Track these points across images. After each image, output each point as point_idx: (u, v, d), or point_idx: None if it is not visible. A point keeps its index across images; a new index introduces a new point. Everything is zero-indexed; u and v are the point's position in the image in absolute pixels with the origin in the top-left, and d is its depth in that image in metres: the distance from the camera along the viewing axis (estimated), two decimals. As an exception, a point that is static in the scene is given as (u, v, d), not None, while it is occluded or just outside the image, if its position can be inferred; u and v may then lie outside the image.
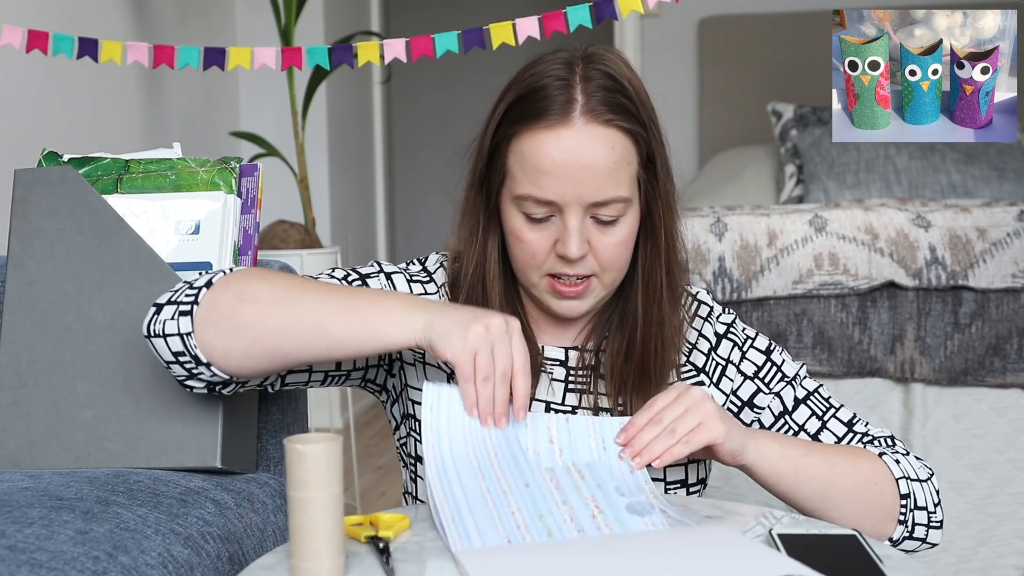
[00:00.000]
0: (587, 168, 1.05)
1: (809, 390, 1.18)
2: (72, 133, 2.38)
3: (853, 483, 1.07)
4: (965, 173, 2.97)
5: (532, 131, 1.06)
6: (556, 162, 1.05)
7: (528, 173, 1.07)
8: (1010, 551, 1.93)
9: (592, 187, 1.05)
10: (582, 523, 0.91)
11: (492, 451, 0.96)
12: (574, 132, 1.05)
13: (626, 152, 1.08)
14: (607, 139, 1.06)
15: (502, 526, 0.89)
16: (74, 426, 1.14)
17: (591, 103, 1.06)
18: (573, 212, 1.06)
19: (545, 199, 1.06)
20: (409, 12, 5.45)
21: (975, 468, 1.92)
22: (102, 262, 1.17)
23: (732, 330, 1.20)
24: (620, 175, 1.07)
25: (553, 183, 1.05)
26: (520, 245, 1.09)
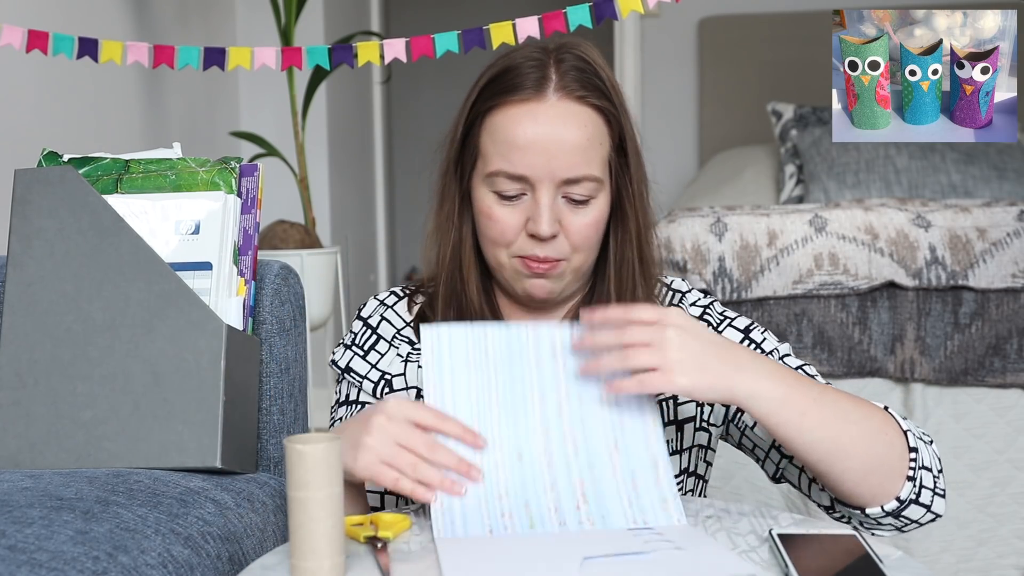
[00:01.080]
0: (560, 143, 1.05)
1: (792, 366, 1.12)
2: (72, 133, 2.38)
3: (864, 433, 0.96)
4: (965, 173, 2.97)
5: (505, 107, 1.07)
6: (529, 136, 1.05)
7: (500, 148, 1.07)
8: (1010, 551, 1.93)
9: (565, 163, 1.05)
10: (565, 515, 0.91)
11: (494, 396, 0.95)
12: (548, 107, 1.06)
13: (598, 132, 1.08)
14: (580, 116, 1.07)
15: (487, 513, 0.90)
16: (74, 426, 1.14)
17: (564, 80, 1.07)
18: (545, 189, 1.06)
19: (517, 174, 1.06)
20: (409, 12, 5.45)
21: (975, 468, 1.92)
22: (102, 262, 1.17)
23: (708, 312, 1.18)
24: (592, 154, 1.07)
25: (526, 158, 1.05)
26: (490, 223, 1.09)
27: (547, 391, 0.97)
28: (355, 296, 3.97)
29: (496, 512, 0.91)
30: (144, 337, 1.15)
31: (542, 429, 0.95)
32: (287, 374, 1.28)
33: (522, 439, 0.95)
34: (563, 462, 0.94)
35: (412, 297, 1.21)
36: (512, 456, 0.94)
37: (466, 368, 0.96)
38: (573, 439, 0.95)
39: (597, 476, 0.94)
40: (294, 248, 2.74)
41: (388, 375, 1.16)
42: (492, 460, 0.94)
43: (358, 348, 1.19)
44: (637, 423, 0.96)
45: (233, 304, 1.19)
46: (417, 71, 5.62)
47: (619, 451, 0.95)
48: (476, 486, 0.92)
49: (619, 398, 0.96)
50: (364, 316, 1.21)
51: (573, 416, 0.96)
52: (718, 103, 3.94)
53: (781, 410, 0.94)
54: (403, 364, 1.17)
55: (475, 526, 0.90)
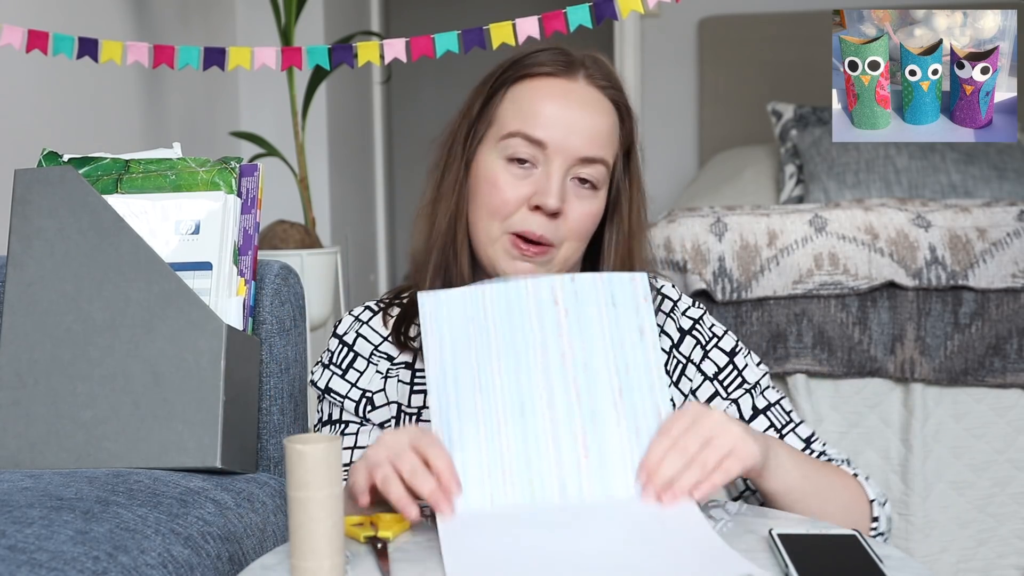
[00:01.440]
0: (584, 122, 1.08)
1: (770, 401, 1.15)
2: (72, 133, 2.38)
3: (844, 501, 1.06)
4: (965, 173, 2.97)
5: (533, 79, 1.10)
6: (558, 105, 1.08)
7: (522, 113, 1.08)
8: (1010, 551, 1.94)
9: (584, 141, 1.07)
10: (566, 475, 0.91)
11: (495, 351, 0.94)
12: (576, 86, 1.10)
13: (615, 126, 1.12)
14: (604, 104, 1.11)
15: (489, 479, 0.90)
16: (74, 426, 1.14)
17: (591, 70, 1.11)
18: (559, 163, 1.07)
19: (535, 137, 1.07)
20: (409, 12, 5.45)
21: (975, 468, 1.92)
22: (102, 262, 1.17)
23: (698, 326, 1.18)
24: (609, 141, 1.10)
25: (548, 127, 1.07)
26: (493, 191, 1.08)
27: (549, 340, 0.95)
28: (355, 296, 3.97)
29: (497, 473, 0.91)
30: (144, 337, 1.15)
31: (544, 380, 0.94)
32: (287, 374, 1.28)
33: (524, 391, 0.93)
34: (566, 414, 0.93)
35: (387, 311, 1.20)
36: (514, 411, 0.93)
37: (465, 328, 0.95)
38: (576, 387, 0.94)
39: (600, 427, 0.93)
40: (294, 248, 2.74)
41: (369, 392, 1.16)
42: (495, 415, 0.93)
43: (336, 367, 1.18)
44: (641, 368, 0.95)
45: (233, 304, 1.19)
46: (417, 71, 5.62)
47: (623, 398, 0.94)
48: (479, 442, 0.92)
49: (624, 343, 0.94)
50: (340, 334, 1.20)
51: (576, 363, 0.94)
52: (718, 103, 3.94)
53: (791, 474, 1.00)
54: (383, 380, 1.16)
55: (476, 496, 0.90)
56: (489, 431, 0.93)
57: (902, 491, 1.92)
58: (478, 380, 0.94)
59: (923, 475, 1.91)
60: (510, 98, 1.10)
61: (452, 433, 0.93)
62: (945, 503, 1.92)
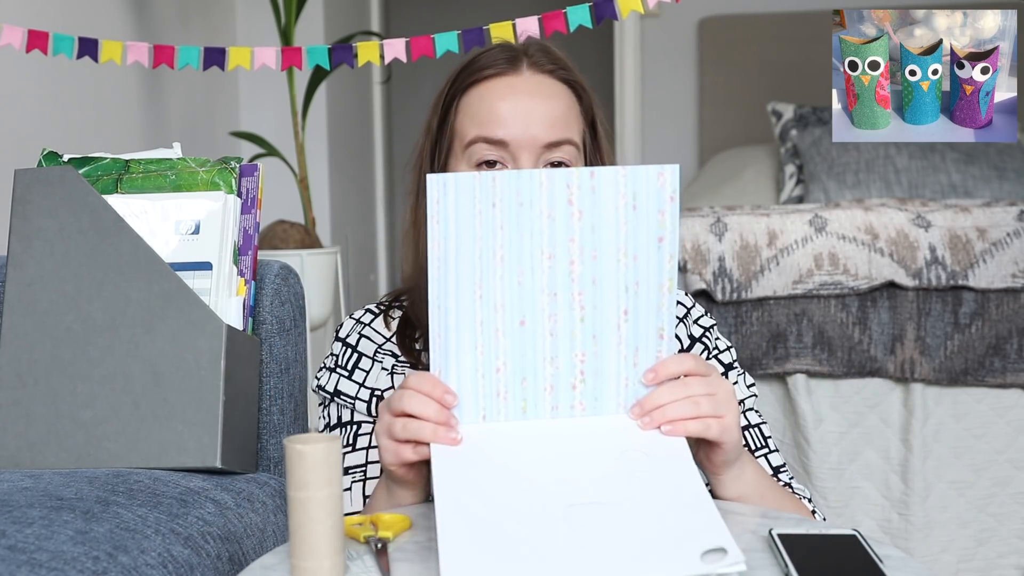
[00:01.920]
0: (539, 109, 1.08)
1: (751, 423, 1.17)
2: (72, 133, 2.38)
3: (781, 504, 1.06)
4: (965, 173, 2.97)
5: (480, 84, 1.10)
6: (509, 102, 1.08)
7: (478, 118, 1.09)
8: (1010, 551, 1.94)
9: (543, 128, 1.08)
10: (559, 397, 0.91)
11: (500, 252, 0.89)
12: (524, 79, 1.10)
13: (572, 103, 1.12)
14: (554, 87, 1.11)
15: (483, 391, 0.91)
16: (74, 426, 1.14)
17: (535, 58, 1.12)
18: (525, 156, 1.08)
19: (498, 138, 1.08)
20: (409, 12, 5.46)
21: (975, 468, 1.92)
22: (102, 262, 1.17)
23: (707, 335, 1.20)
24: (570, 120, 1.10)
25: (504, 123, 1.08)
26: None
27: (558, 247, 0.89)
28: (355, 296, 3.97)
29: (492, 390, 0.91)
30: (144, 337, 1.15)
31: (549, 292, 0.90)
32: (287, 374, 1.28)
33: (527, 303, 0.90)
34: (567, 331, 0.90)
35: (388, 312, 1.20)
36: (514, 322, 0.90)
37: (471, 221, 0.88)
38: (581, 303, 0.90)
39: (600, 349, 0.91)
40: (294, 248, 2.74)
41: (378, 390, 1.16)
42: (493, 325, 0.90)
43: (342, 370, 1.18)
44: (654, 288, 0.91)
45: (233, 304, 1.19)
46: (417, 71, 5.62)
47: (628, 319, 0.91)
48: (473, 352, 0.90)
49: (638, 255, 0.90)
50: (342, 337, 1.20)
51: (584, 276, 0.90)
52: (718, 103, 3.94)
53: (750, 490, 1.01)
54: (389, 377, 1.16)
55: (469, 409, 0.91)
56: (486, 342, 0.90)
57: (902, 491, 1.92)
58: (480, 285, 0.89)
59: (923, 475, 1.91)
60: (463, 109, 1.11)
61: (449, 342, 0.90)
62: (945, 503, 1.92)
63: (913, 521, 1.91)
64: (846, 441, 1.93)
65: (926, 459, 1.91)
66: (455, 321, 0.90)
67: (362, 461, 1.14)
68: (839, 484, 1.93)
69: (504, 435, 0.91)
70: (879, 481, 1.93)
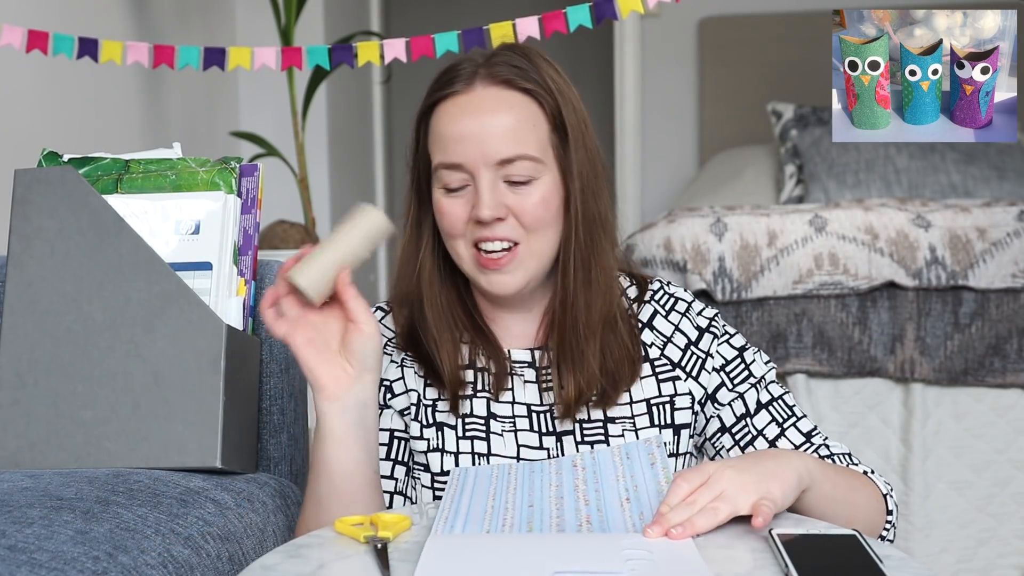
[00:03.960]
0: (488, 127, 1.08)
1: (774, 395, 1.17)
2: (72, 133, 2.38)
3: (865, 502, 1.08)
4: (965, 173, 2.97)
5: (439, 105, 1.12)
6: (459, 125, 1.09)
7: (438, 143, 1.11)
8: (1010, 551, 1.94)
9: (494, 145, 1.08)
10: (565, 525, 0.93)
11: (512, 488, 1.02)
12: (473, 96, 1.10)
13: (528, 113, 1.10)
14: (506, 99, 1.10)
15: (489, 521, 0.93)
16: (74, 426, 1.14)
17: (491, 70, 1.11)
18: (482, 174, 1.09)
19: (454, 163, 1.09)
20: (409, 12, 5.45)
21: (975, 468, 1.92)
22: (102, 262, 1.17)
23: (714, 324, 1.20)
24: (524, 134, 1.09)
25: (458, 146, 1.09)
26: (442, 218, 1.12)
27: (564, 482, 1.02)
28: (355, 296, 3.97)
29: (499, 521, 0.93)
30: (144, 337, 1.15)
31: (556, 497, 0.99)
32: (287, 374, 1.28)
33: (536, 496, 0.99)
34: (572, 508, 0.96)
35: (395, 312, 1.21)
36: (523, 505, 0.97)
37: (488, 480, 1.04)
38: (586, 498, 0.99)
39: (605, 516, 0.95)
40: (294, 248, 2.74)
41: (387, 380, 1.17)
42: (502, 510, 0.96)
43: None
44: (652, 487, 0.99)
45: (233, 304, 1.19)
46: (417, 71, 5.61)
47: (630, 503, 0.97)
48: (484, 501, 0.96)
49: (635, 474, 1.02)
50: None
51: (588, 490, 1.00)
52: (718, 103, 3.94)
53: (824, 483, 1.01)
54: (399, 369, 1.17)
55: (474, 526, 0.92)
56: (496, 511, 0.96)
57: (902, 491, 1.92)
58: (492, 497, 0.99)
59: (923, 475, 1.91)
60: (431, 131, 1.13)
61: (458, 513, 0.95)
62: (945, 503, 1.92)
63: (913, 521, 1.91)
64: (846, 441, 1.93)
65: (926, 459, 1.91)
66: (467, 508, 0.97)
67: None
68: (839, 484, 1.93)
69: (503, 540, 0.90)
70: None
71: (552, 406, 1.14)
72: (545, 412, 1.15)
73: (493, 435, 1.14)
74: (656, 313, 1.19)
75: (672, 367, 1.17)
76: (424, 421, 1.15)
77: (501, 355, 1.15)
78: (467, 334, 1.16)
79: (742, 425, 1.15)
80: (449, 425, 1.15)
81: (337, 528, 0.93)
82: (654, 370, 1.17)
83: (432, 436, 1.15)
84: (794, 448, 1.13)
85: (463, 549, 0.86)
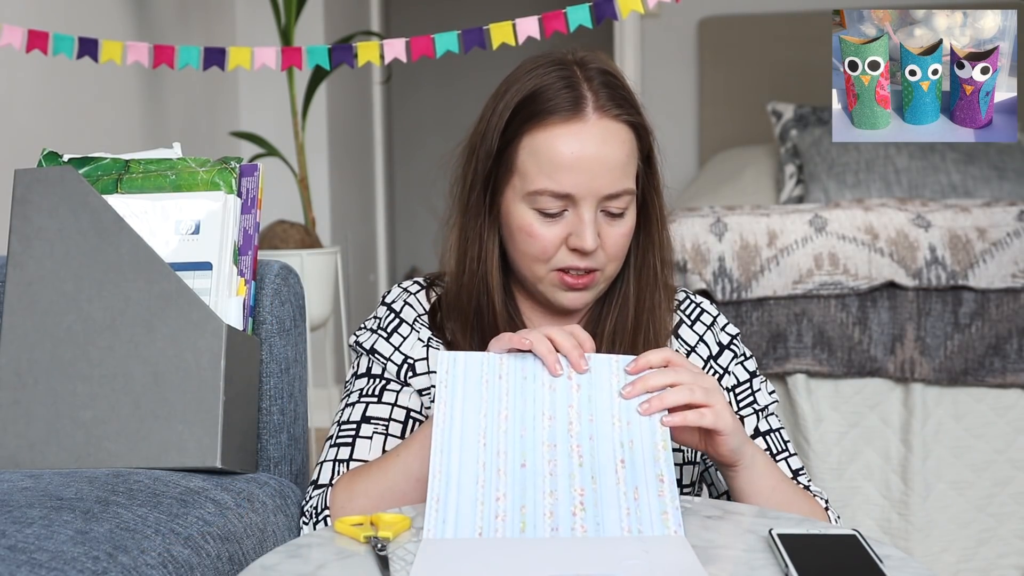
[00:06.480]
0: (603, 162, 1.08)
1: (772, 427, 1.20)
2: (72, 133, 2.38)
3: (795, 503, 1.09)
4: (965, 173, 2.97)
5: (546, 127, 1.09)
6: (575, 156, 1.08)
7: (544, 168, 1.09)
8: (1010, 551, 1.94)
9: (607, 180, 1.09)
10: (559, 520, 0.91)
11: (504, 415, 0.97)
12: (589, 127, 1.09)
13: (632, 147, 1.12)
14: (619, 133, 1.10)
15: (481, 514, 0.91)
16: (74, 426, 1.14)
17: (600, 99, 1.10)
18: (588, 205, 1.09)
19: (563, 192, 1.09)
20: (409, 12, 5.45)
21: (975, 468, 1.92)
22: (102, 262, 1.17)
23: (735, 343, 1.23)
24: (629, 168, 1.11)
25: (571, 177, 1.08)
26: (531, 240, 1.12)
27: (558, 410, 0.97)
28: (355, 296, 3.97)
29: (490, 513, 0.91)
30: (144, 337, 1.15)
31: (548, 443, 0.96)
32: (287, 374, 1.28)
33: (528, 449, 0.95)
34: (566, 472, 0.94)
35: (432, 287, 1.23)
36: (515, 463, 0.94)
37: (478, 387, 0.98)
38: (579, 453, 0.95)
39: (599, 487, 0.93)
40: (294, 248, 2.74)
41: (411, 359, 1.18)
42: (494, 466, 0.94)
43: (382, 331, 1.20)
44: (648, 444, 0.96)
45: (233, 304, 1.19)
46: (417, 71, 5.62)
47: (625, 466, 0.95)
48: (474, 485, 0.93)
49: (631, 421, 0.97)
50: (388, 302, 1.23)
51: (582, 433, 0.97)
52: (718, 103, 3.94)
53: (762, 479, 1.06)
54: (424, 349, 1.19)
55: (466, 527, 0.90)
56: (487, 477, 0.93)
57: (902, 491, 1.92)
58: (483, 435, 0.96)
59: (923, 475, 1.91)
60: (528, 148, 1.10)
61: (450, 475, 0.93)
62: (945, 503, 1.92)
63: (913, 521, 1.91)
64: (846, 441, 1.93)
65: (926, 459, 1.91)
66: (458, 461, 0.94)
67: (385, 416, 1.16)
68: (839, 484, 1.93)
69: (498, 545, 0.88)
70: (879, 481, 1.93)
71: None
72: None
73: None
74: (682, 322, 1.22)
75: None
76: None
77: None
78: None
79: None
80: None
81: (337, 528, 0.93)
82: None
83: None
84: None
85: (457, 557, 0.85)
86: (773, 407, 1.21)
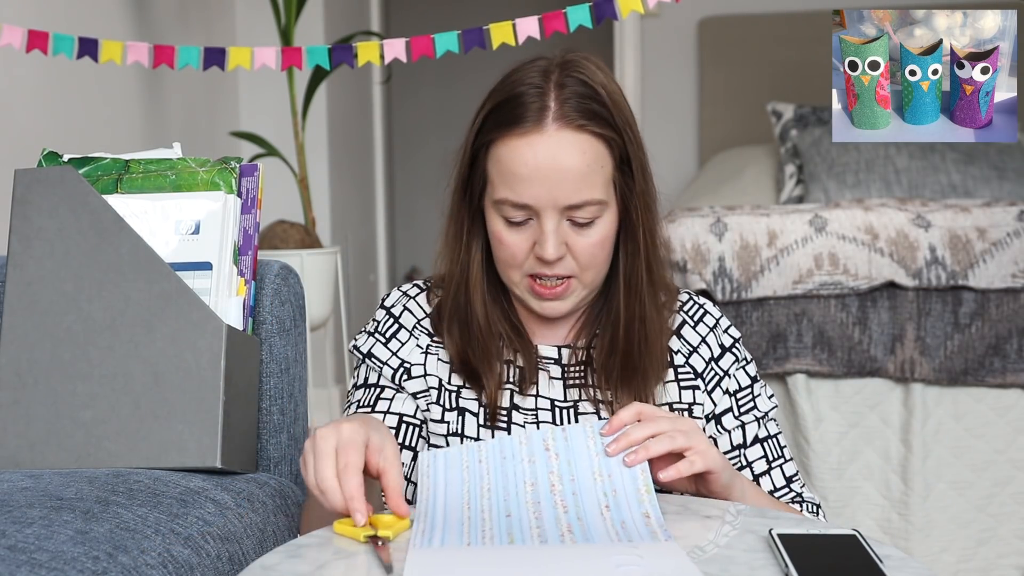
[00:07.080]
0: (559, 172, 1.08)
1: (771, 433, 1.21)
2: (72, 133, 2.38)
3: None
4: (965, 173, 2.97)
5: (507, 138, 1.10)
6: (530, 167, 1.08)
7: (505, 178, 1.10)
8: (1010, 551, 1.93)
9: (565, 190, 1.08)
10: (547, 535, 0.91)
11: (486, 487, 0.99)
12: (546, 138, 1.08)
13: (598, 156, 1.10)
14: (578, 144, 1.09)
15: (468, 533, 0.91)
16: (74, 426, 1.14)
17: (563, 109, 1.09)
18: (549, 215, 1.09)
19: (521, 203, 1.09)
20: (409, 12, 5.45)
21: (975, 468, 1.92)
22: (102, 262, 1.17)
23: (737, 345, 1.23)
24: (593, 178, 1.10)
25: (528, 188, 1.08)
26: (501, 247, 1.13)
27: (539, 477, 0.99)
28: (355, 296, 3.97)
29: (477, 532, 0.91)
30: (144, 337, 1.15)
31: (532, 501, 0.97)
32: (287, 374, 1.28)
33: (511, 504, 0.96)
34: (552, 517, 0.94)
35: (432, 291, 1.24)
36: (500, 514, 0.95)
37: (459, 473, 1.01)
38: (563, 504, 0.96)
39: (586, 524, 0.93)
40: (294, 248, 2.74)
41: (407, 364, 1.18)
42: (480, 517, 0.94)
43: (380, 335, 1.21)
44: (631, 490, 0.97)
45: (233, 304, 1.19)
46: (417, 71, 5.62)
47: (610, 510, 0.95)
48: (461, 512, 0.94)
49: (612, 474, 0.99)
50: (387, 305, 1.23)
51: (565, 491, 0.98)
52: (718, 103, 3.94)
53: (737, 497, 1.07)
54: (423, 355, 1.19)
55: (454, 541, 0.89)
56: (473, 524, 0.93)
57: (902, 491, 1.92)
58: (467, 505, 0.97)
59: (923, 475, 1.91)
60: (493, 159, 1.11)
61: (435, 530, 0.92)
62: (945, 503, 1.92)
63: (913, 521, 1.91)
64: (846, 441, 1.93)
65: (926, 459, 1.91)
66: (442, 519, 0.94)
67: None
68: (839, 484, 1.93)
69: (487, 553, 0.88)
70: (879, 481, 1.93)
71: (576, 402, 1.16)
72: (568, 408, 1.16)
73: (514, 425, 1.15)
74: (684, 323, 1.22)
75: (695, 376, 1.19)
76: (447, 405, 1.17)
77: (532, 353, 1.18)
78: (503, 335, 1.18)
79: (735, 454, 1.19)
80: (471, 412, 1.16)
81: (337, 528, 0.93)
82: (677, 376, 1.19)
83: (453, 419, 1.16)
84: (773, 489, 1.18)
85: (446, 564, 0.85)
86: (772, 412, 1.22)
